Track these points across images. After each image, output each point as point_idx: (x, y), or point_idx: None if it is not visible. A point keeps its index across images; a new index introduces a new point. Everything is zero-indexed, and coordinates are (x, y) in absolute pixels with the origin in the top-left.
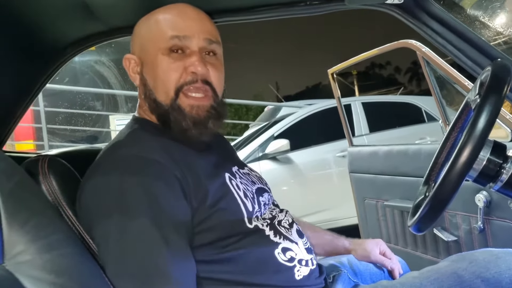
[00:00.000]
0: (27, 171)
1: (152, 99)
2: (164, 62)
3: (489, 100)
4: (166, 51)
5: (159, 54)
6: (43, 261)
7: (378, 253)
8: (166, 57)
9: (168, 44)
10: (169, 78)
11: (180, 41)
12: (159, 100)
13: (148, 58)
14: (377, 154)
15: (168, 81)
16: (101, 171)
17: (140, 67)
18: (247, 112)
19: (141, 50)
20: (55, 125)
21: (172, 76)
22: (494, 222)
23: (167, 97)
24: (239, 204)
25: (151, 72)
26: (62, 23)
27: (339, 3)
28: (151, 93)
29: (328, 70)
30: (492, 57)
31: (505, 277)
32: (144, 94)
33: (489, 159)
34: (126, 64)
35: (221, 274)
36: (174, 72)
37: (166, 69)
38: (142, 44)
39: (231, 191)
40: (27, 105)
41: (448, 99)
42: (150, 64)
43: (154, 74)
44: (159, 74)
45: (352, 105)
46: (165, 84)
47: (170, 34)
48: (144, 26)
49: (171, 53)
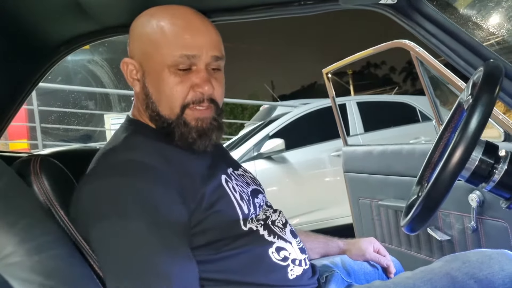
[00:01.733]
0: (18, 171)
1: (155, 111)
2: (170, 80)
3: (481, 101)
4: (173, 68)
5: (165, 69)
6: (32, 263)
7: (372, 251)
8: (173, 74)
9: (176, 61)
10: (175, 96)
11: (189, 60)
12: (162, 114)
13: (152, 69)
14: (372, 154)
15: (174, 98)
16: (99, 175)
17: (141, 75)
18: (243, 111)
19: (143, 57)
20: (48, 124)
21: (179, 94)
22: (487, 221)
23: (171, 113)
24: (235, 207)
25: (155, 85)
26: (55, 21)
27: (333, 3)
28: (154, 106)
29: (323, 70)
30: (485, 57)
31: (498, 278)
32: (145, 104)
33: (482, 159)
34: (124, 67)
35: (215, 274)
36: (181, 90)
37: (172, 87)
38: (144, 52)
39: (227, 193)
40: (19, 104)
41: (442, 99)
42: (155, 76)
43: (158, 87)
44: (164, 89)
45: (347, 105)
46: (171, 100)
47: (179, 52)
48: (147, 31)
49: (177, 70)
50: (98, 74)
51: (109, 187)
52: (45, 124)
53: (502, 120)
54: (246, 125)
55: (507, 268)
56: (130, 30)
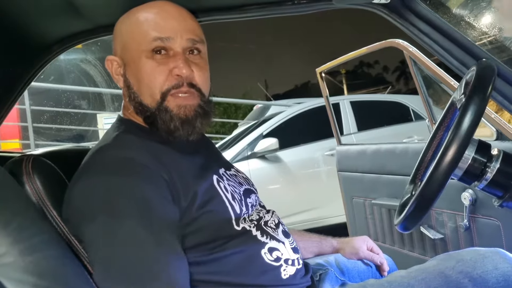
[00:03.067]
0: (10, 171)
1: (137, 101)
2: (147, 65)
3: (474, 100)
4: (149, 53)
5: (142, 57)
6: (25, 263)
7: (366, 249)
8: (150, 60)
9: (151, 46)
10: (154, 82)
11: (163, 43)
12: (145, 103)
13: (131, 59)
14: (365, 153)
15: (153, 85)
16: (90, 174)
17: (123, 69)
18: (236, 110)
19: (123, 51)
20: (41, 124)
21: (157, 80)
22: (480, 220)
23: (152, 100)
24: (227, 207)
25: (135, 75)
26: (47, 21)
27: (326, 2)
28: (136, 95)
29: (317, 69)
30: (478, 57)
31: (492, 277)
32: (128, 96)
33: (474, 158)
34: (109, 65)
35: (207, 275)
36: (159, 76)
37: (150, 73)
38: (123, 45)
39: (219, 193)
40: (11, 104)
41: (435, 98)
42: (133, 66)
43: (138, 77)
44: (143, 77)
45: (340, 104)
46: (151, 87)
47: (152, 35)
48: (124, 25)
49: (154, 55)
50: (91, 73)
51: (100, 186)
52: (37, 124)
53: (495, 119)
54: (239, 124)
55: (500, 266)
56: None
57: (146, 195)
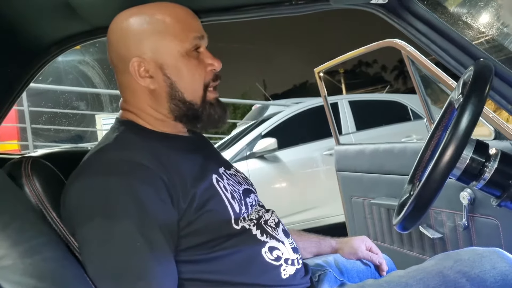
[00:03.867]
0: (9, 173)
1: (181, 100)
2: (190, 64)
3: (472, 100)
4: (189, 51)
5: (183, 55)
6: (25, 266)
7: (364, 249)
8: (190, 57)
9: (192, 44)
10: (197, 78)
11: (199, 41)
12: (189, 100)
13: (169, 59)
14: (364, 153)
15: (196, 81)
16: (87, 174)
17: (156, 70)
18: (235, 110)
19: (154, 52)
20: (39, 125)
21: (199, 76)
22: (478, 219)
23: (196, 96)
24: (227, 206)
25: (177, 73)
26: (45, 22)
27: (324, 2)
28: (180, 94)
29: (315, 69)
30: (475, 56)
31: (490, 276)
32: (170, 96)
33: (472, 158)
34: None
35: (208, 274)
36: (200, 72)
37: (193, 70)
38: (154, 46)
39: (218, 192)
40: (10, 105)
41: (433, 98)
42: (174, 65)
43: (179, 74)
44: (186, 74)
45: (339, 104)
46: (194, 84)
47: (192, 35)
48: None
49: (191, 53)
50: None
51: (96, 186)
52: (35, 125)
53: (493, 118)
54: (238, 124)
55: (498, 266)
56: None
57: (142, 196)
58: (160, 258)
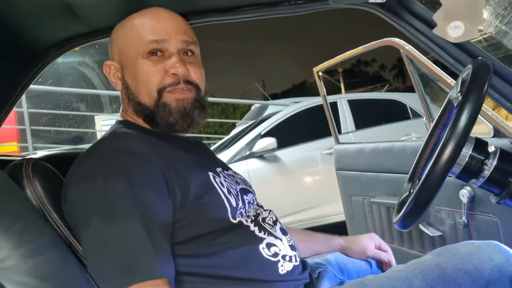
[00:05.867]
0: (10, 175)
1: (136, 101)
2: (144, 66)
3: (470, 98)
4: (145, 54)
5: (139, 58)
6: (27, 266)
7: (373, 247)
8: (146, 60)
9: (147, 48)
10: (151, 81)
11: (159, 44)
12: (143, 102)
13: (128, 62)
14: (363, 152)
15: (150, 84)
16: (86, 164)
17: (120, 72)
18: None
19: (120, 55)
20: (39, 127)
21: (154, 79)
22: (478, 216)
23: (150, 99)
24: (223, 199)
25: (133, 76)
26: (44, 24)
27: (323, 2)
28: (135, 96)
29: (314, 69)
30: (473, 54)
31: (487, 268)
32: (127, 97)
33: (471, 155)
34: (107, 70)
35: (206, 268)
36: (155, 75)
37: (147, 72)
38: (120, 49)
39: (214, 187)
40: (10, 107)
41: (432, 96)
42: (131, 68)
43: (135, 77)
44: (140, 77)
45: (338, 103)
46: (148, 86)
47: (148, 38)
48: (121, 31)
49: (150, 56)
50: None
51: (96, 175)
52: (35, 127)
53: (492, 116)
54: (237, 124)
55: (495, 258)
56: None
57: (140, 184)
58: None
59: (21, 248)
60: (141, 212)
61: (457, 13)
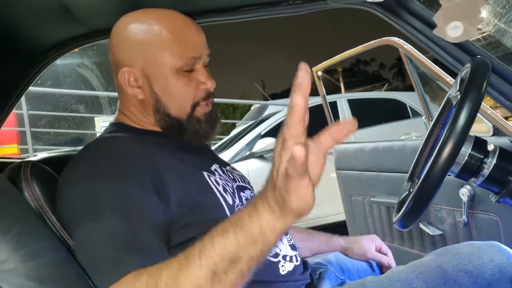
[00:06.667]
0: (9, 178)
1: (165, 114)
2: (180, 81)
3: (469, 97)
4: (180, 69)
5: (173, 71)
6: (26, 269)
7: (374, 250)
8: (181, 75)
9: (185, 64)
10: (185, 96)
11: (195, 61)
12: (173, 115)
13: (159, 73)
14: (363, 151)
15: (184, 99)
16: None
17: (144, 81)
18: (234, 111)
19: (146, 64)
20: (39, 129)
21: (188, 94)
22: (478, 215)
23: (182, 112)
24: (219, 198)
25: (164, 88)
26: (43, 25)
27: (321, 2)
28: (165, 108)
29: (313, 68)
30: (472, 53)
31: (488, 269)
32: (155, 109)
33: (471, 154)
34: (122, 77)
35: None
36: (189, 90)
37: (182, 87)
38: (147, 58)
39: (209, 186)
40: (9, 109)
41: (431, 95)
42: (162, 80)
43: (167, 90)
44: (174, 91)
45: (337, 102)
46: (182, 101)
47: (186, 54)
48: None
49: (184, 71)
50: (87, 77)
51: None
52: (35, 129)
53: (491, 114)
54: (237, 124)
55: (496, 259)
56: (115, 37)
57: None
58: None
59: (19, 251)
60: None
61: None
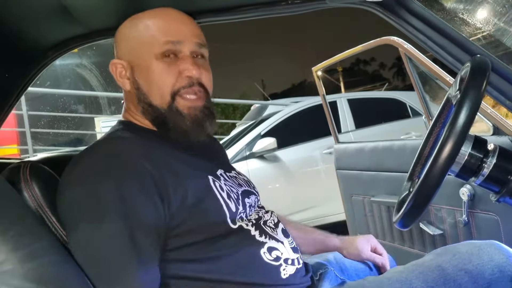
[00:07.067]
0: (8, 178)
1: (147, 103)
2: (159, 67)
3: (469, 96)
4: (159, 55)
5: (153, 59)
6: (25, 270)
7: (369, 250)
8: (160, 62)
9: (162, 49)
10: (164, 83)
11: (174, 46)
12: (154, 104)
13: (141, 62)
14: (363, 151)
15: (164, 85)
16: (78, 167)
17: (130, 72)
18: (234, 111)
19: (131, 54)
20: (38, 129)
21: (168, 81)
22: (478, 215)
23: (163, 101)
24: (222, 205)
25: (145, 77)
26: (42, 26)
27: (320, 1)
28: (146, 97)
29: (313, 68)
30: (472, 52)
31: (488, 268)
32: (138, 98)
33: (471, 154)
34: (113, 69)
35: (206, 273)
36: (169, 77)
37: (161, 74)
38: (132, 48)
39: (213, 191)
40: (8, 109)
41: (431, 95)
42: (144, 68)
43: (148, 78)
44: (154, 78)
45: (337, 102)
46: (161, 88)
47: (164, 39)
48: (133, 30)
49: (164, 58)
50: (87, 77)
51: (86, 181)
52: (35, 129)
53: (491, 114)
54: (237, 124)
55: (496, 258)
56: (116, 34)
57: (129, 193)
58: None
59: (18, 252)
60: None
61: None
